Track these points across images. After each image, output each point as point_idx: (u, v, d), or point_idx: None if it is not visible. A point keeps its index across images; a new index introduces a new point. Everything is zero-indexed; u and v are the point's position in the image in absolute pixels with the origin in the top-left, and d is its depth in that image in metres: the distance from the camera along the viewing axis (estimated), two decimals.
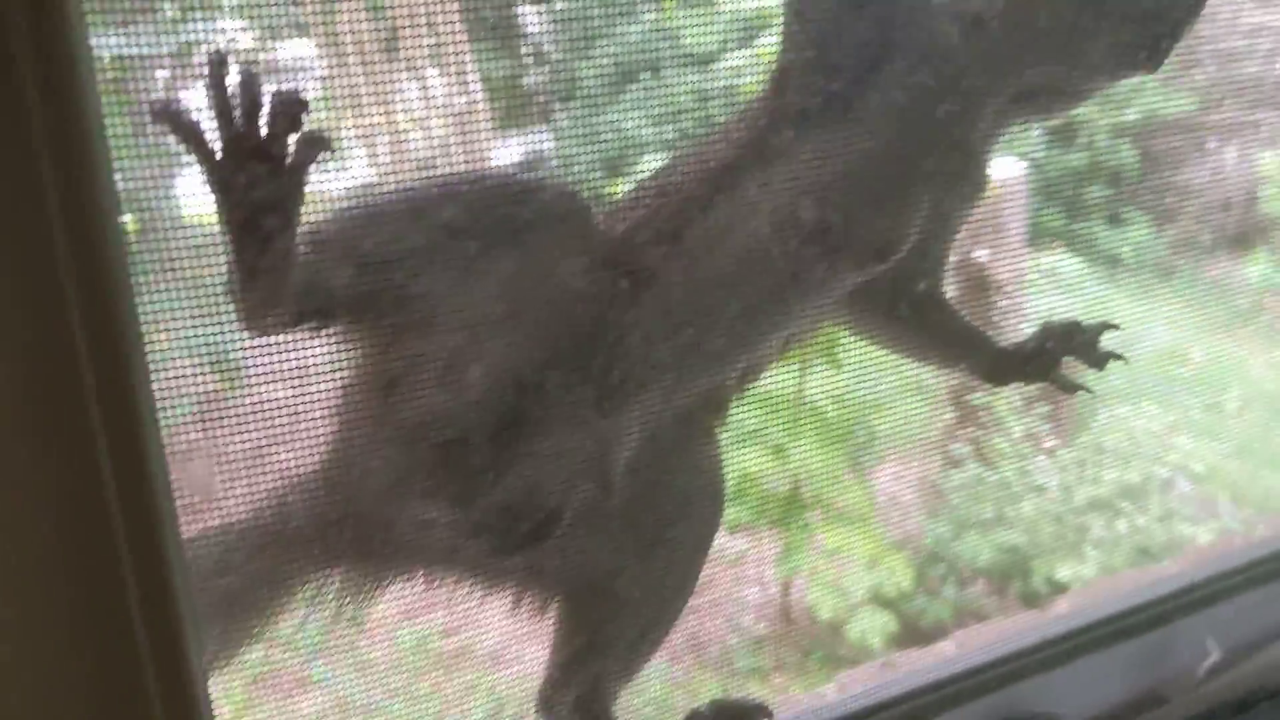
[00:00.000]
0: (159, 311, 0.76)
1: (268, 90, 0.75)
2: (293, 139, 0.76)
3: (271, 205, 0.75)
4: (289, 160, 0.76)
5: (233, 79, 0.75)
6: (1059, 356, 1.12)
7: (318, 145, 0.77)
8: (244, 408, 0.81)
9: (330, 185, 0.84)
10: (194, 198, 0.78)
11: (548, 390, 0.89)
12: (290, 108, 0.75)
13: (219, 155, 0.75)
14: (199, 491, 0.82)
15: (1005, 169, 1.91)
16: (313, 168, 0.77)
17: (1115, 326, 1.13)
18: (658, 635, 1.03)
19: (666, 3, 1.22)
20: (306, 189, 0.78)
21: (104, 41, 0.81)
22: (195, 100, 0.75)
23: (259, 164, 0.75)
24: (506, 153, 1.22)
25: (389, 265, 0.82)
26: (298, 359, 0.83)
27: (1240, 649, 1.23)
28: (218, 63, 0.74)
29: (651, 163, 1.03)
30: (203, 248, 0.78)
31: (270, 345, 0.81)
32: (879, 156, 0.95)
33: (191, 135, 0.74)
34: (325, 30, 1.03)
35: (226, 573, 0.86)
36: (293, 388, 0.83)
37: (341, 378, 0.86)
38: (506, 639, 1.04)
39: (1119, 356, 1.12)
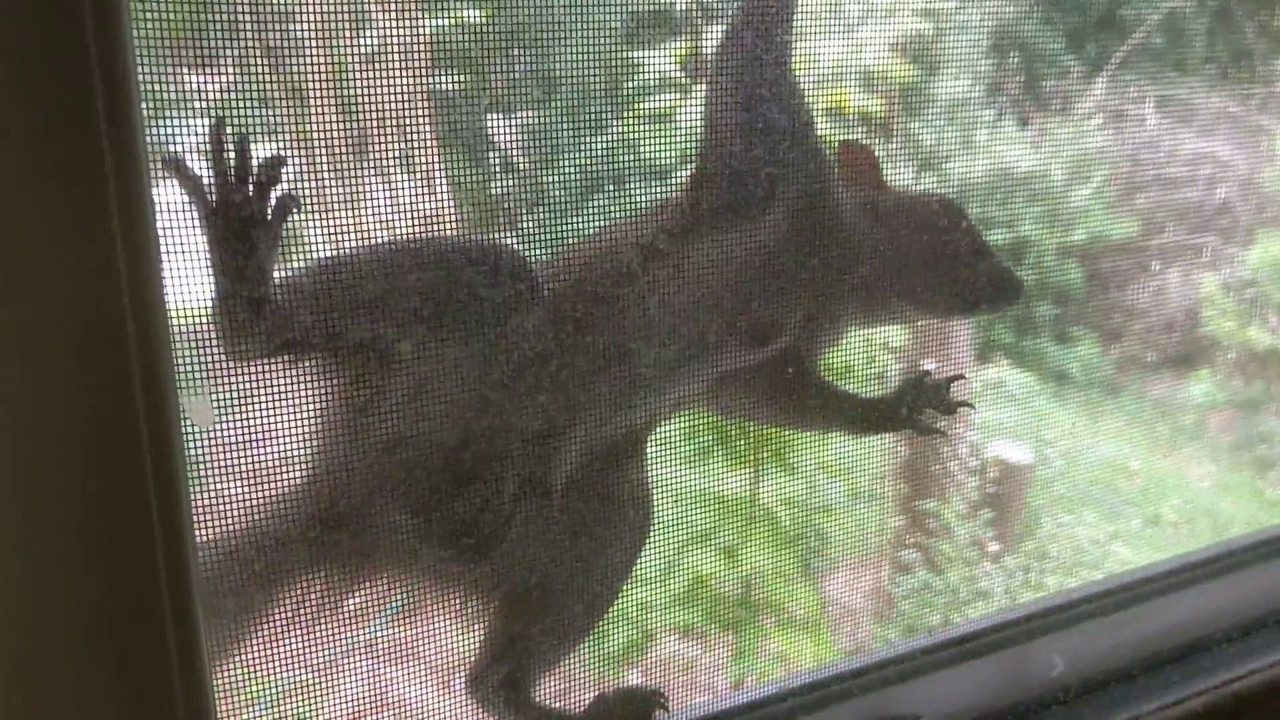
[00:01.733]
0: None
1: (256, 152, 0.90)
2: (274, 194, 0.90)
3: (253, 247, 0.89)
4: (270, 211, 0.90)
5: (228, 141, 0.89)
6: (918, 407, 1.24)
7: (292, 203, 0.91)
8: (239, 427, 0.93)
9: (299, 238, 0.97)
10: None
11: (496, 418, 1.01)
12: (274, 168, 0.90)
13: (213, 202, 0.88)
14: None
15: None
16: (287, 220, 0.91)
17: (962, 377, 1.26)
18: (582, 631, 1.15)
19: (628, 118, 1.27)
20: (282, 237, 0.91)
21: None
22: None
23: (246, 212, 0.89)
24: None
25: (354, 309, 0.94)
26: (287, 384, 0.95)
27: (1081, 666, 1.44)
28: (217, 126, 0.88)
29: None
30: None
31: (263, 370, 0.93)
32: (767, 260, 1.10)
33: (192, 184, 0.87)
34: (297, 132, 1.06)
35: (225, 577, 0.96)
36: (282, 409, 0.94)
37: (321, 401, 0.98)
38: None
39: (968, 404, 1.25)
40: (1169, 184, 2.46)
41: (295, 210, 0.91)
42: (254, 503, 0.94)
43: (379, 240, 1.06)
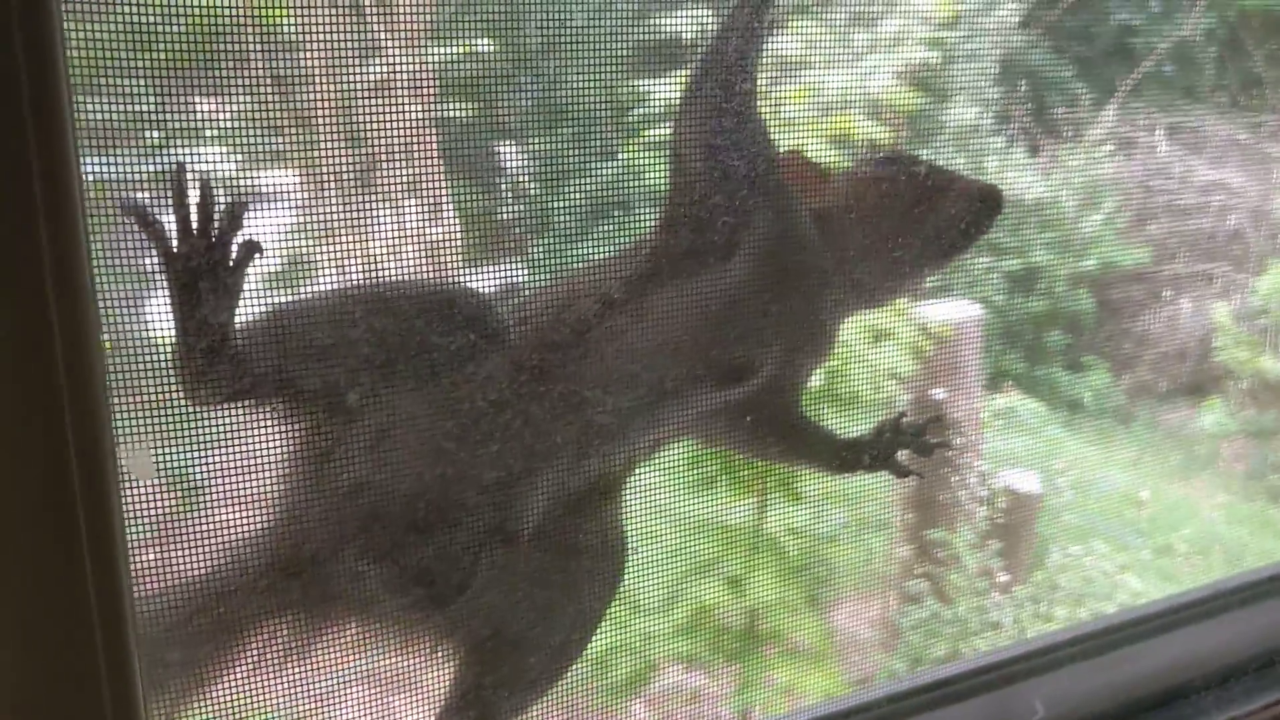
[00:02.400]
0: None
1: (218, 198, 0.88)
2: (236, 241, 0.88)
3: (213, 293, 0.88)
4: (232, 258, 0.88)
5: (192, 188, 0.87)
6: (895, 447, 1.22)
7: (254, 248, 0.89)
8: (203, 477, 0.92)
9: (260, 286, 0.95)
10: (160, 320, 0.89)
11: (459, 464, 1.00)
12: (236, 214, 0.88)
13: (175, 248, 0.86)
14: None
15: (961, 311, 1.96)
16: (249, 267, 0.90)
17: (938, 419, 1.25)
18: (556, 674, 1.12)
19: (634, 145, 1.27)
20: (243, 283, 0.90)
21: (90, 163, 0.86)
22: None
23: (208, 258, 0.87)
24: (479, 282, 1.26)
25: (313, 356, 0.93)
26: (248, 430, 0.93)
27: (1063, 711, 1.42)
28: (179, 172, 0.86)
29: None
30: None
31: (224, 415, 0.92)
32: (740, 298, 1.09)
33: (153, 230, 0.85)
34: (305, 159, 1.07)
35: (187, 625, 0.94)
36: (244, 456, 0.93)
37: (284, 447, 0.96)
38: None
39: (946, 445, 1.24)
40: (1180, 212, 2.45)
41: (259, 256, 0.90)
42: (211, 550, 0.94)
43: (340, 285, 1.04)
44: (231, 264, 0.89)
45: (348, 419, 0.96)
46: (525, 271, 1.32)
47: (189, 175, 0.87)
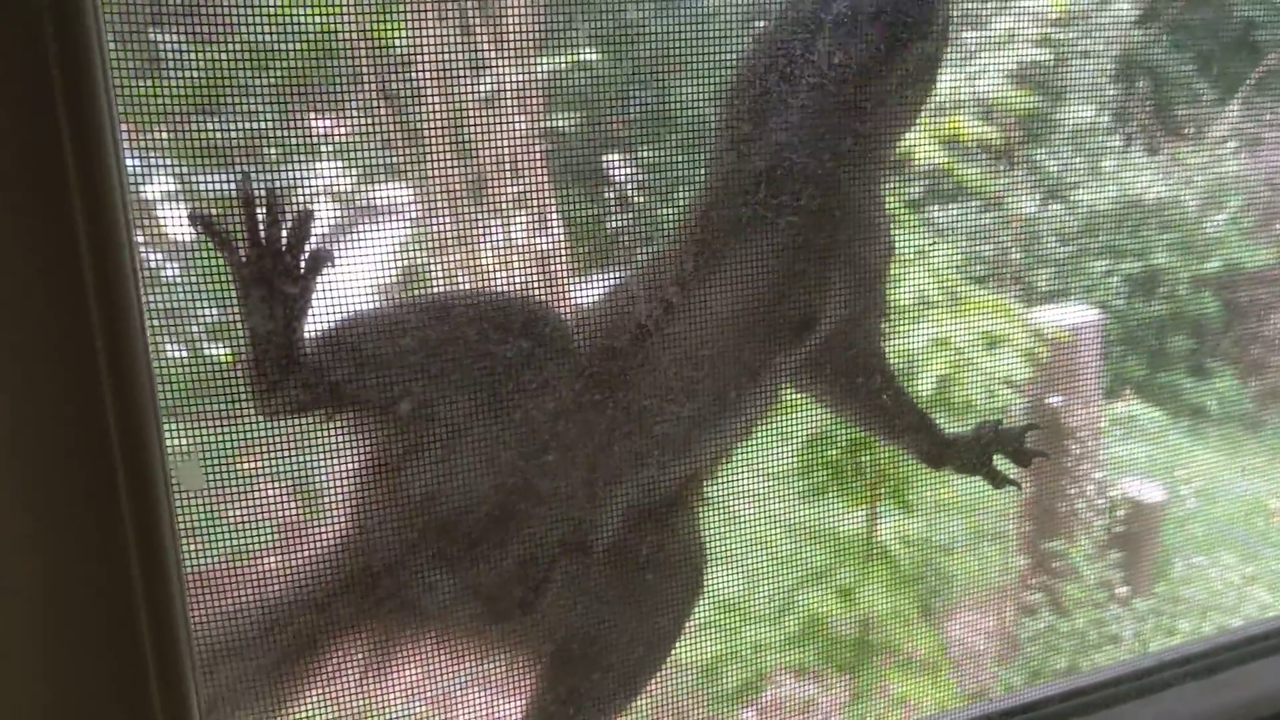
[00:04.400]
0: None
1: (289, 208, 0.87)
2: (306, 250, 0.88)
3: (283, 304, 0.87)
4: (302, 267, 0.88)
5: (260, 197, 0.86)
6: (991, 451, 1.19)
7: (325, 257, 0.88)
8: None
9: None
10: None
11: (526, 472, 0.99)
12: (304, 224, 0.87)
13: (244, 262, 0.86)
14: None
15: (1079, 316, 1.92)
16: (319, 276, 0.89)
17: (1037, 426, 1.21)
18: (631, 691, 1.11)
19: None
20: (313, 293, 0.89)
21: (207, 179, 0.89)
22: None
23: (277, 271, 0.87)
24: (586, 292, 1.27)
25: (386, 367, 0.93)
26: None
27: None
28: (244, 180, 0.86)
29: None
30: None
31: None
32: (793, 248, 1.05)
33: (222, 241, 0.85)
34: (417, 174, 1.09)
35: (261, 642, 0.94)
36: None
37: (357, 458, 0.97)
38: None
39: (1043, 454, 1.20)
40: None
41: (329, 265, 0.89)
42: (284, 565, 0.94)
43: (414, 295, 1.04)
44: (301, 273, 0.88)
45: (419, 430, 0.95)
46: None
47: (254, 185, 0.86)
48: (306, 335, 0.90)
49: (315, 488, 0.97)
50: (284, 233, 0.87)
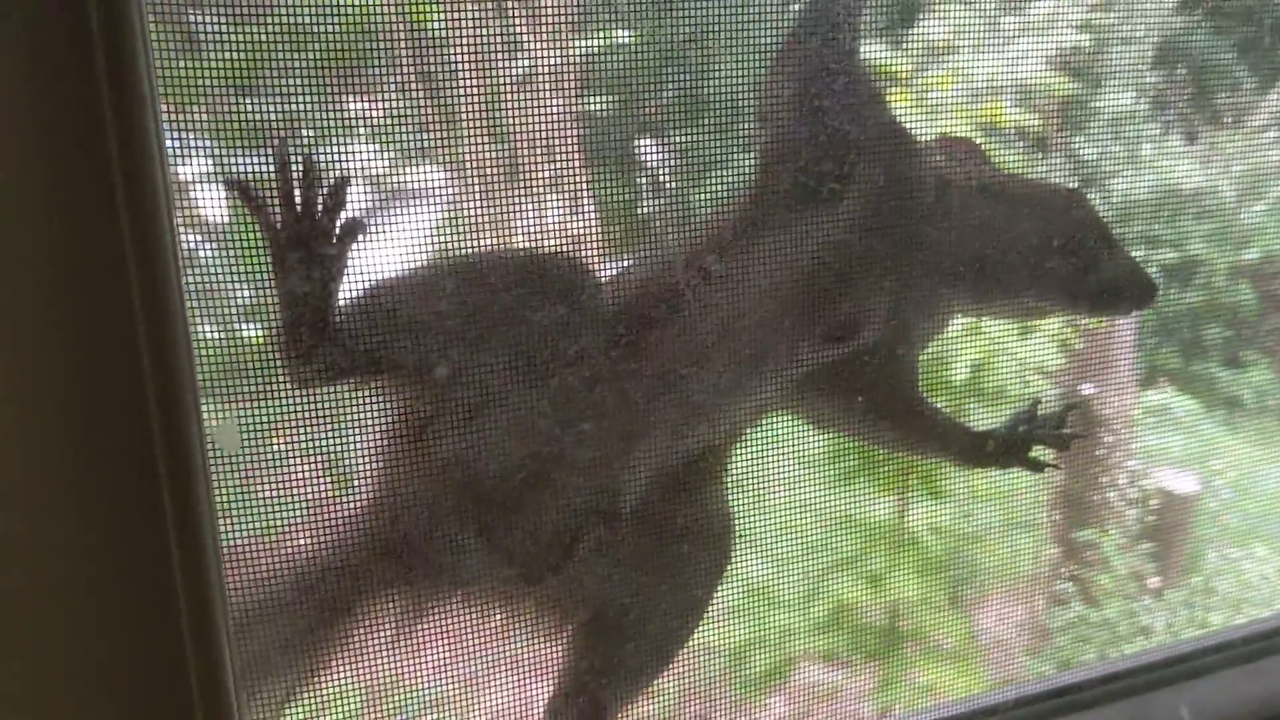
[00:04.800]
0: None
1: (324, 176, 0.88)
2: (341, 218, 0.88)
3: (317, 272, 0.88)
4: (336, 235, 0.88)
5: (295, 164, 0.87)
6: (1031, 440, 1.16)
7: (360, 226, 0.89)
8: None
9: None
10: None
11: (559, 438, 0.99)
12: (340, 191, 0.88)
13: (279, 226, 0.87)
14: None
15: None
16: (354, 243, 0.90)
17: (1076, 406, 1.19)
18: (662, 661, 1.11)
19: None
20: (346, 261, 0.90)
21: (239, 160, 0.89)
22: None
23: (313, 235, 0.87)
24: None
25: (415, 331, 0.93)
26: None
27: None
28: (280, 146, 0.86)
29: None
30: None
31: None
32: (845, 246, 1.05)
33: (257, 208, 0.86)
34: (451, 156, 1.09)
35: (294, 606, 0.95)
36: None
37: (384, 422, 0.97)
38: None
39: (1082, 435, 1.18)
40: None
41: (363, 234, 0.90)
42: (313, 530, 0.95)
43: (441, 257, 1.03)
44: (335, 240, 0.89)
45: (449, 392, 0.95)
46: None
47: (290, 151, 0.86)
48: (340, 303, 0.90)
49: (345, 464, 0.98)
50: (320, 197, 0.88)
